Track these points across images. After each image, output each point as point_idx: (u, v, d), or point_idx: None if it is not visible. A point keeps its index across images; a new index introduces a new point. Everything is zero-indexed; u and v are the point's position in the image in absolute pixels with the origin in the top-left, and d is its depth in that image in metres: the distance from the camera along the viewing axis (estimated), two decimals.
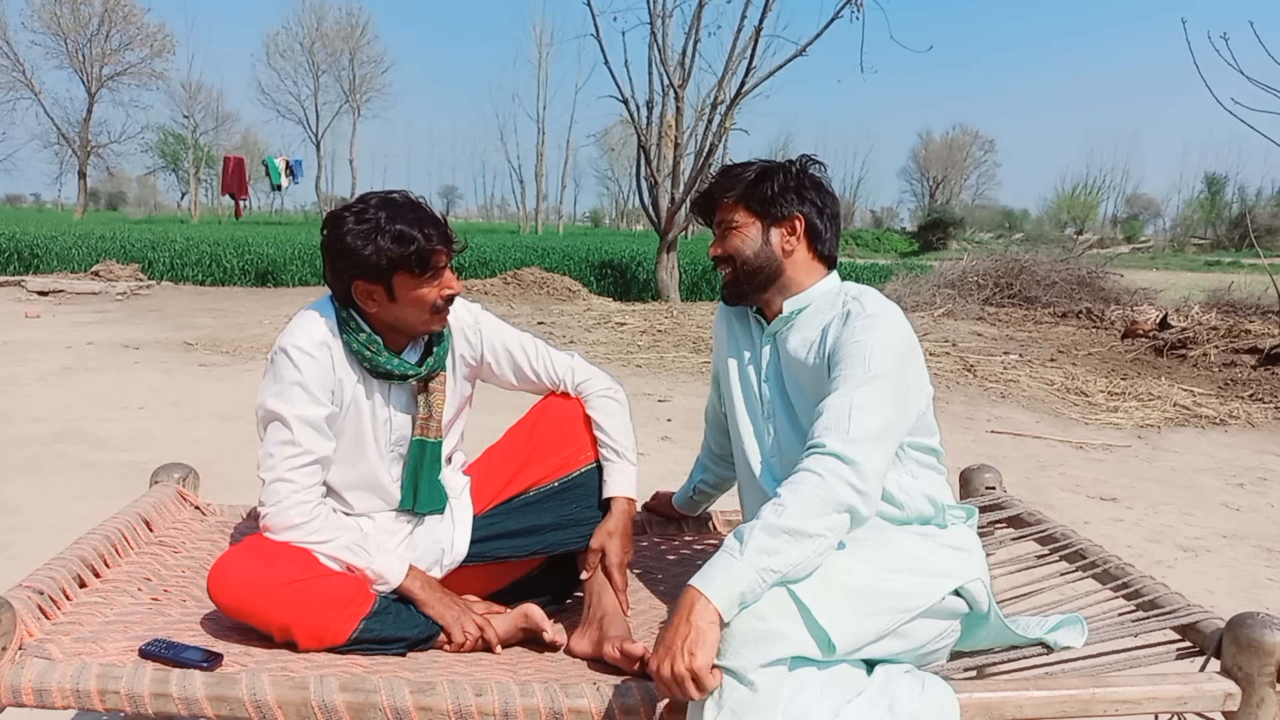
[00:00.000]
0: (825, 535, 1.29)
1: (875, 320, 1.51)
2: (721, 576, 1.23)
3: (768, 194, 1.63)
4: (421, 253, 1.56)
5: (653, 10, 12.81)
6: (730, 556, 1.25)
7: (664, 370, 7.32)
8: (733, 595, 1.22)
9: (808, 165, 1.68)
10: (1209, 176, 57.95)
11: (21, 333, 8.30)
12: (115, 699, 1.27)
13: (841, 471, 1.32)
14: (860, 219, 68.37)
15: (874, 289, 1.63)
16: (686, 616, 1.21)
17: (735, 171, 1.68)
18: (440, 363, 1.73)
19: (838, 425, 1.38)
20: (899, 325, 1.53)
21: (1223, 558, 3.54)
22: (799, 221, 1.63)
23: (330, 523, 1.59)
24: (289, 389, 1.58)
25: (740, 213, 1.66)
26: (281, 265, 15.13)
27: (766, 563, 1.24)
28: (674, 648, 1.19)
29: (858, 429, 1.37)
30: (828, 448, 1.35)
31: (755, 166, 1.66)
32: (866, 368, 1.45)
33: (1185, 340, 8.54)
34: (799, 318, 1.64)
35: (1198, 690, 1.37)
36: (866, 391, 1.42)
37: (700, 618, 1.20)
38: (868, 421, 1.38)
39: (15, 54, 36.69)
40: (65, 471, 4.10)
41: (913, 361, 1.53)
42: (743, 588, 1.23)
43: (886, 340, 1.49)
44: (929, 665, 1.46)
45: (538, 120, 43.58)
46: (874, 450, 1.37)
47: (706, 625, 1.19)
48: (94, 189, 49.19)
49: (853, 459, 1.33)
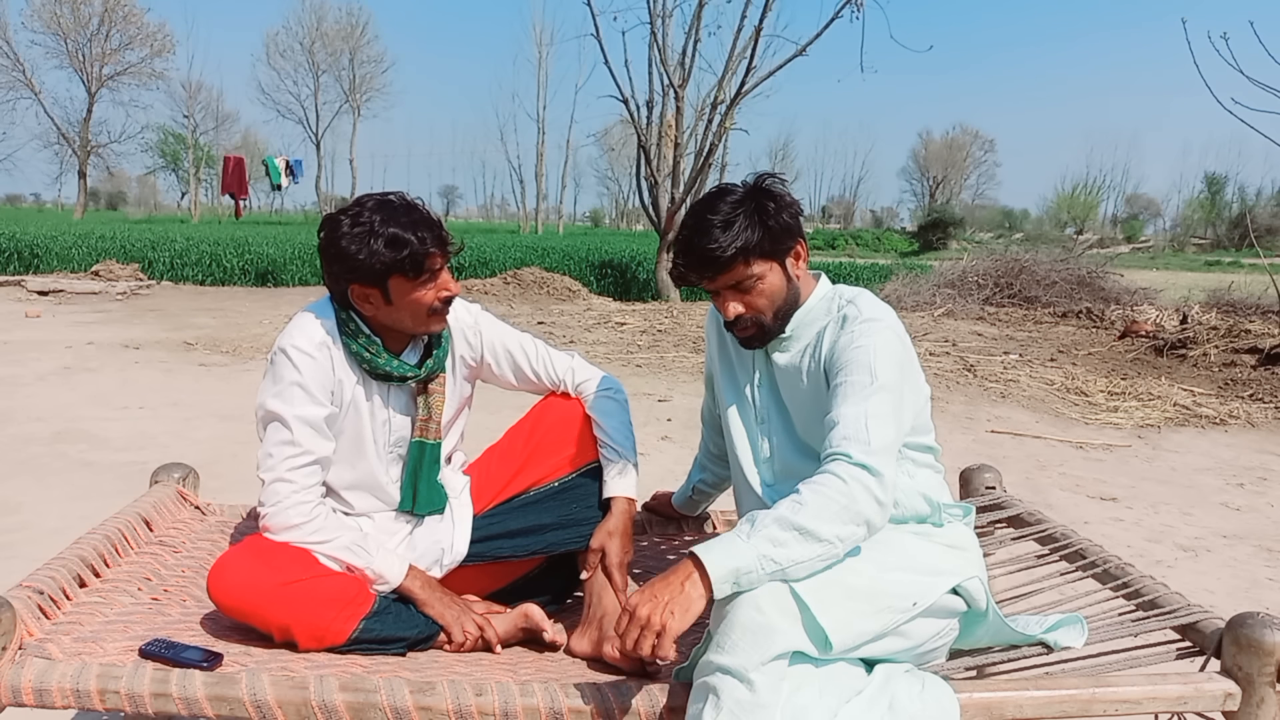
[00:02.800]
0: (835, 544, 1.29)
1: (873, 325, 1.50)
2: (722, 549, 1.26)
3: (772, 231, 1.52)
4: (416, 256, 1.55)
5: (653, 10, 12.82)
6: (737, 537, 1.27)
7: (664, 370, 7.32)
8: (728, 570, 1.24)
9: (763, 182, 1.56)
10: (1209, 176, 58.03)
11: (21, 332, 8.30)
12: (115, 699, 1.27)
13: (868, 483, 1.32)
14: (860, 219, 68.33)
15: (868, 291, 1.61)
16: (682, 581, 1.24)
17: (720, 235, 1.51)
18: (440, 364, 1.73)
19: (858, 436, 1.37)
20: (896, 328, 1.53)
21: (1223, 558, 3.54)
22: (802, 245, 1.60)
23: (330, 523, 1.59)
24: (289, 389, 1.58)
25: (757, 264, 1.54)
26: (281, 265, 15.13)
27: (770, 552, 1.25)
28: (658, 599, 1.23)
29: (877, 440, 1.37)
30: (854, 458, 1.34)
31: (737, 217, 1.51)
32: (872, 376, 1.44)
33: (1185, 340, 8.54)
34: (796, 329, 1.62)
35: (1198, 690, 1.37)
36: (877, 401, 1.42)
37: (692, 587, 1.24)
38: (884, 432, 1.38)
39: (15, 54, 36.73)
40: (65, 471, 4.10)
41: (909, 364, 1.53)
42: (739, 565, 1.24)
43: (888, 345, 1.48)
44: (928, 664, 1.46)
45: (538, 120, 43.68)
46: (891, 460, 1.37)
47: (696, 596, 1.24)
48: (94, 189, 49.22)
49: (879, 471, 1.34)
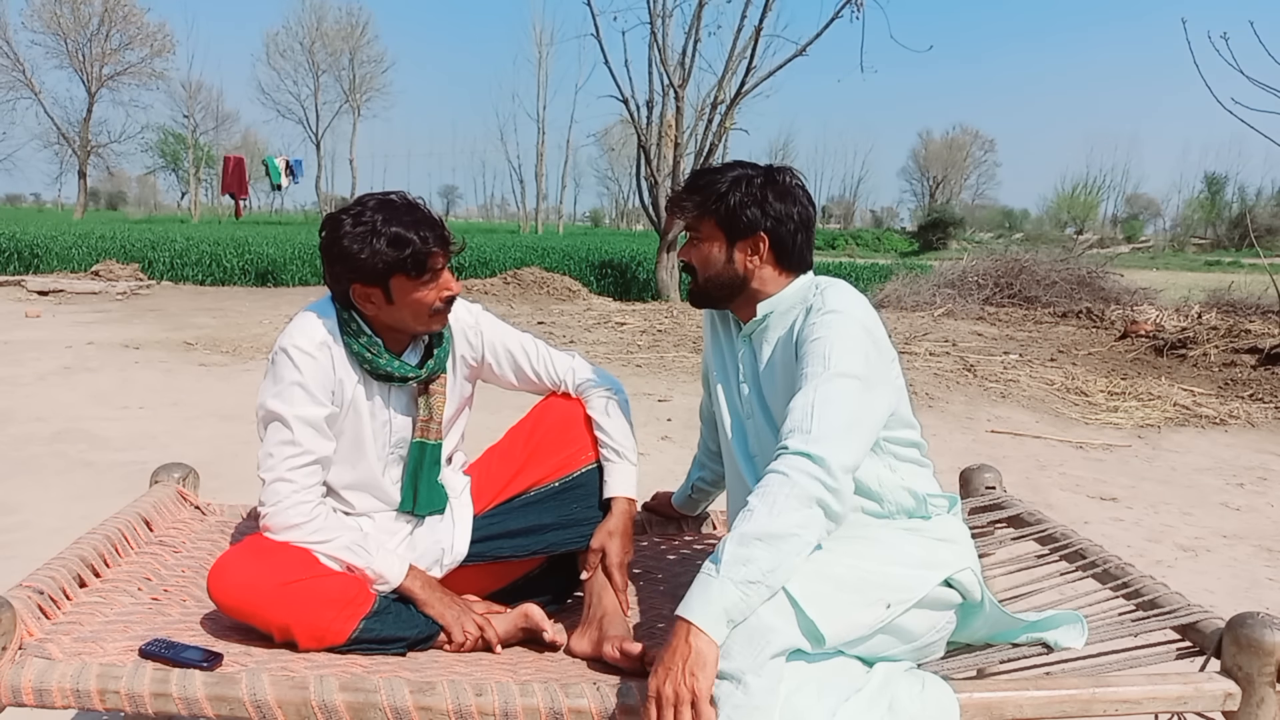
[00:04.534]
0: (798, 533, 1.27)
1: (834, 316, 1.48)
2: (699, 598, 1.23)
3: (732, 209, 1.56)
4: (417, 256, 1.55)
5: (653, 10, 12.81)
6: (707, 577, 1.25)
7: (664, 370, 7.31)
8: (715, 613, 1.21)
9: (776, 174, 1.60)
10: (1209, 176, 57.98)
11: (21, 332, 8.30)
12: (115, 699, 1.27)
13: (806, 468, 1.31)
14: (860, 219, 68.32)
15: (843, 282, 1.59)
16: (683, 638, 1.20)
17: (705, 180, 1.60)
18: (441, 365, 1.73)
19: (800, 426, 1.36)
20: (860, 318, 1.50)
21: (1223, 558, 3.54)
22: (763, 241, 1.58)
23: (330, 523, 1.59)
24: (289, 389, 1.58)
25: (706, 225, 1.60)
26: (281, 265, 15.13)
27: (743, 573, 1.23)
28: (673, 668, 1.19)
29: (820, 427, 1.35)
30: (791, 448, 1.34)
31: (728, 177, 1.59)
32: (826, 364, 1.42)
33: (1185, 340, 8.54)
34: (772, 318, 1.62)
35: (1198, 690, 1.37)
36: (829, 389, 1.40)
37: (695, 639, 1.20)
38: (831, 418, 1.36)
39: (15, 54, 36.72)
40: (65, 471, 4.10)
41: (877, 355, 1.49)
42: (725, 604, 1.21)
43: (847, 335, 1.46)
44: (928, 659, 1.46)
45: (538, 120, 43.64)
46: (840, 446, 1.34)
47: (704, 646, 1.19)
48: (94, 189, 49.19)
49: (817, 455, 1.32)
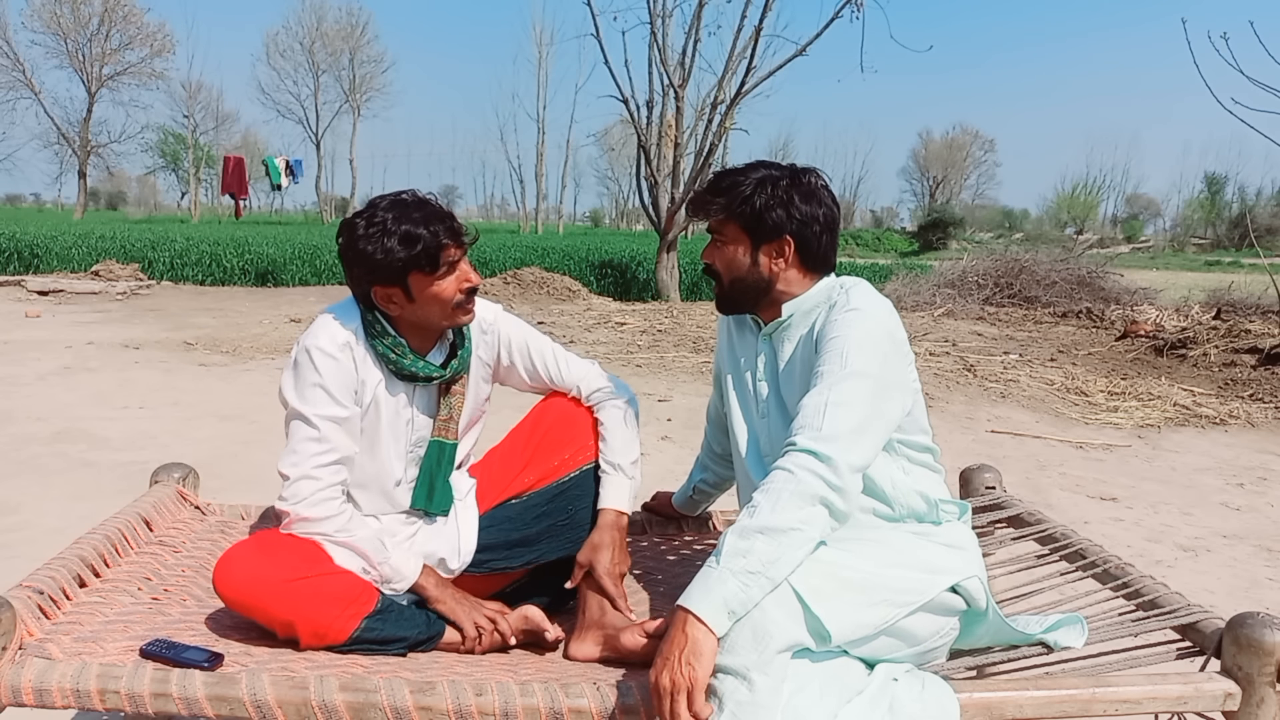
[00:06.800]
0: (800, 529, 1.27)
1: (856, 315, 1.48)
2: (700, 588, 1.24)
3: (757, 212, 1.55)
4: (430, 250, 1.56)
5: (653, 10, 12.80)
6: (707, 569, 1.26)
7: (664, 370, 7.31)
8: (715, 603, 1.22)
9: (801, 176, 1.58)
10: (1209, 176, 58.02)
11: (21, 332, 8.30)
12: (115, 699, 1.27)
13: (812, 466, 1.31)
14: (860, 219, 68.34)
15: (866, 282, 1.58)
16: (681, 628, 1.21)
17: (730, 180, 1.58)
18: (464, 364, 1.73)
19: (811, 423, 1.36)
20: (882, 320, 1.49)
21: (1223, 558, 3.54)
22: (788, 244, 1.56)
23: (353, 521, 1.61)
24: (310, 390, 1.58)
25: (730, 227, 1.59)
26: (281, 265, 15.12)
27: (742, 565, 1.23)
28: (670, 658, 1.20)
29: (831, 425, 1.35)
30: (799, 445, 1.34)
31: (752, 179, 1.57)
32: (844, 363, 1.42)
33: (1185, 340, 8.54)
34: (795, 317, 1.61)
35: (1198, 690, 1.37)
36: (843, 388, 1.39)
37: (693, 629, 1.20)
38: (843, 418, 1.36)
39: (15, 54, 36.75)
40: (65, 471, 4.10)
41: (896, 358, 1.49)
42: (724, 594, 1.22)
43: (867, 335, 1.45)
44: (929, 664, 1.46)
45: (538, 120, 43.65)
46: (849, 446, 1.34)
47: (701, 636, 1.20)
48: (94, 189, 49.21)
49: (825, 454, 1.32)
